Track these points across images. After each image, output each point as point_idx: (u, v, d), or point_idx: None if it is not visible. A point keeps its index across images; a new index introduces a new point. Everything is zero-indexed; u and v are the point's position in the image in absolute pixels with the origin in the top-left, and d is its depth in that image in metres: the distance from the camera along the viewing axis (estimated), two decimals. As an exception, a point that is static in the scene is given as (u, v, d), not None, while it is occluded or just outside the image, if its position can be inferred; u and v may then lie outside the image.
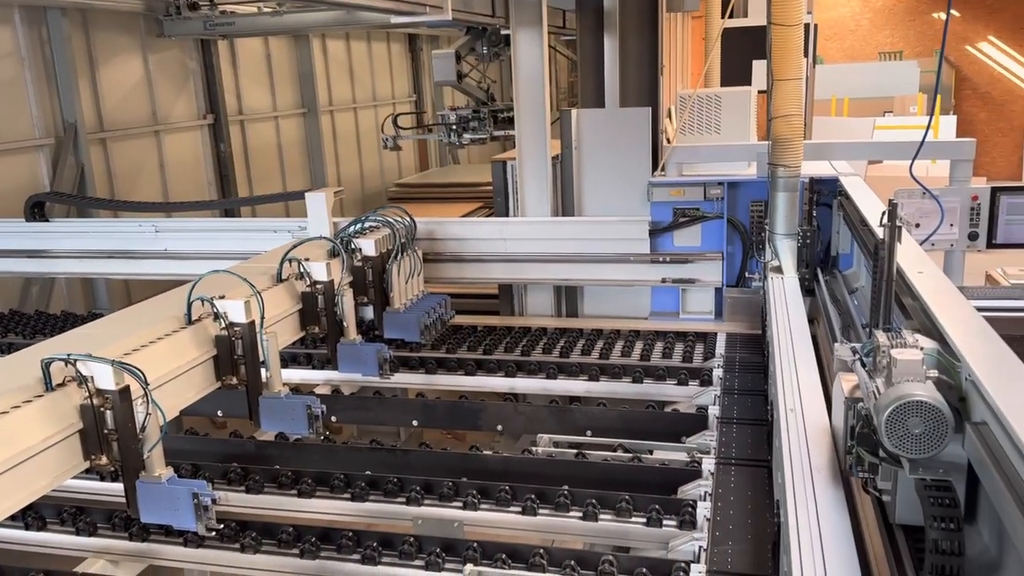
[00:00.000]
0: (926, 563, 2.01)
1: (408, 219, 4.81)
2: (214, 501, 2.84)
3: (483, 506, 3.38)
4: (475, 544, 3.00)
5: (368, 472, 3.60)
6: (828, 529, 2.13)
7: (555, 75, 15.92)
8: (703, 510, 3.10)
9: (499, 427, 4.29)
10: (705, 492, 3.25)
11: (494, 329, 5.43)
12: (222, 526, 3.19)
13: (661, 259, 5.28)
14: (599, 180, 5.47)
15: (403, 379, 4.81)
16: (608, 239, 5.31)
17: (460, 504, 3.40)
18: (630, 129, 5.33)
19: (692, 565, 2.77)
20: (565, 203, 5.60)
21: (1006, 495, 1.67)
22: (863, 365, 2.47)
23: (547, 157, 5.43)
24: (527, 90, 5.40)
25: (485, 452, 3.81)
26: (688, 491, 3.30)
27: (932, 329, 2.42)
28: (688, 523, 3.08)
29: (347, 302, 4.15)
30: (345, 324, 4.12)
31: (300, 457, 3.88)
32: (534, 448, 3.81)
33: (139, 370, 2.80)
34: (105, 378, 2.72)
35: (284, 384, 3.50)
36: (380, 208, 4.85)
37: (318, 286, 3.98)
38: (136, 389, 2.80)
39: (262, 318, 3.39)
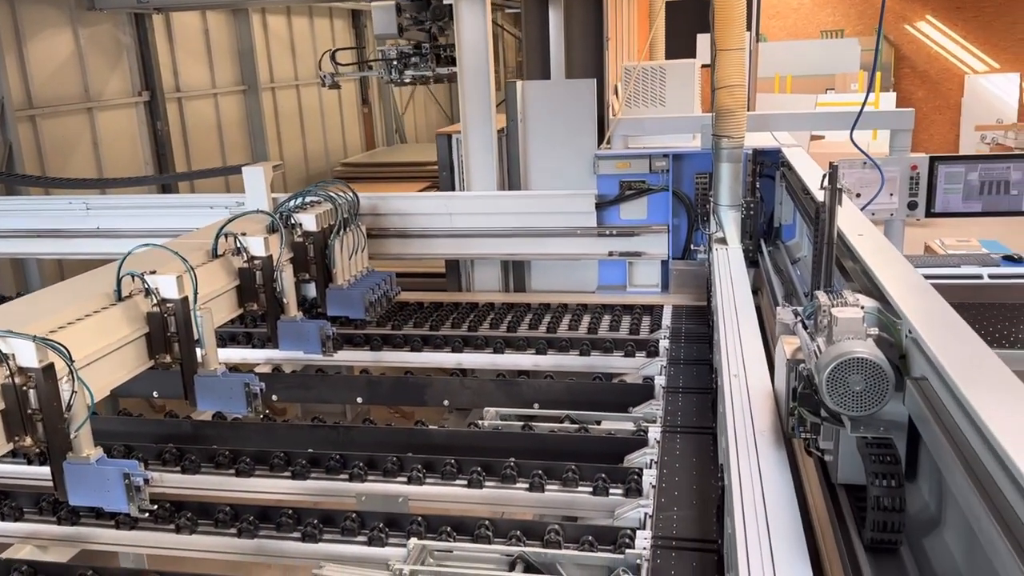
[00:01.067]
0: (868, 519, 2.02)
1: (351, 194, 4.70)
2: (146, 481, 2.74)
3: (428, 480, 3.32)
4: (419, 518, 2.95)
5: (310, 450, 3.51)
6: (771, 491, 2.13)
7: (502, 53, 15.80)
8: (649, 477, 3.09)
9: (446, 402, 4.24)
10: (651, 460, 3.24)
11: (441, 305, 5.36)
12: (156, 507, 3.07)
13: (608, 232, 5.27)
14: (545, 153, 5.42)
15: (347, 356, 4.71)
16: (555, 212, 5.28)
17: (405, 479, 3.34)
18: (576, 101, 5.28)
19: (638, 532, 2.75)
20: (511, 177, 5.55)
21: (947, 448, 1.66)
22: (804, 327, 2.47)
23: (492, 130, 5.35)
24: (471, 61, 5.30)
25: (431, 427, 3.74)
26: (634, 459, 3.29)
27: (872, 289, 2.43)
28: (634, 491, 3.07)
29: (287, 278, 4.04)
30: (285, 300, 4.01)
31: (238, 437, 3.78)
32: (480, 422, 3.76)
33: (63, 346, 2.67)
34: (27, 356, 2.59)
35: (221, 363, 3.40)
36: (321, 182, 4.73)
37: (256, 261, 3.86)
38: (61, 367, 2.67)
39: (196, 294, 3.27)
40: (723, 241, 4.67)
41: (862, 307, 2.19)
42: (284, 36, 13.15)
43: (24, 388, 2.57)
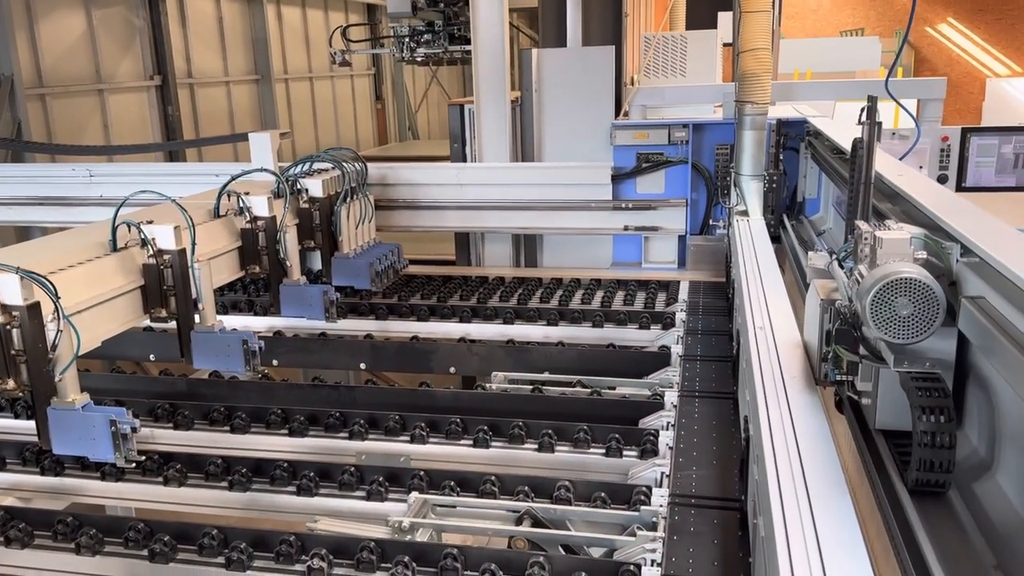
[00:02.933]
0: (913, 459, 1.82)
1: (359, 162, 4.57)
2: (134, 430, 2.58)
3: (432, 440, 3.17)
4: (422, 472, 2.78)
5: (308, 409, 3.36)
6: (805, 432, 1.94)
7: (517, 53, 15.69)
8: (666, 439, 2.92)
9: (452, 369, 4.08)
10: (668, 423, 3.08)
11: (450, 279, 5.21)
12: (144, 459, 2.91)
13: (624, 206, 5.12)
14: (560, 123, 5.27)
15: (351, 325, 4.55)
16: (569, 184, 5.13)
17: (407, 438, 3.18)
18: (593, 69, 5.13)
19: (654, 490, 2.58)
20: (524, 149, 5.39)
21: (1016, 358, 1.46)
22: (841, 266, 2.30)
23: (506, 99, 5.21)
24: (485, 29, 5.16)
25: (436, 389, 3.58)
26: (650, 422, 3.12)
27: (919, 218, 2.25)
28: (650, 452, 2.89)
29: (290, 240, 3.89)
30: (288, 264, 3.86)
31: (235, 395, 3.62)
32: (488, 385, 3.60)
33: (49, 281, 2.51)
34: (11, 292, 2.43)
35: (219, 319, 3.25)
36: (330, 149, 4.60)
37: (259, 222, 3.71)
38: (47, 309, 2.51)
39: (194, 246, 3.12)
40: (744, 214, 4.50)
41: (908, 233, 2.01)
42: (298, 28, 13.08)
43: (7, 328, 2.42)
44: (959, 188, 4.65)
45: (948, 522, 1.79)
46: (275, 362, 4.25)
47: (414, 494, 2.62)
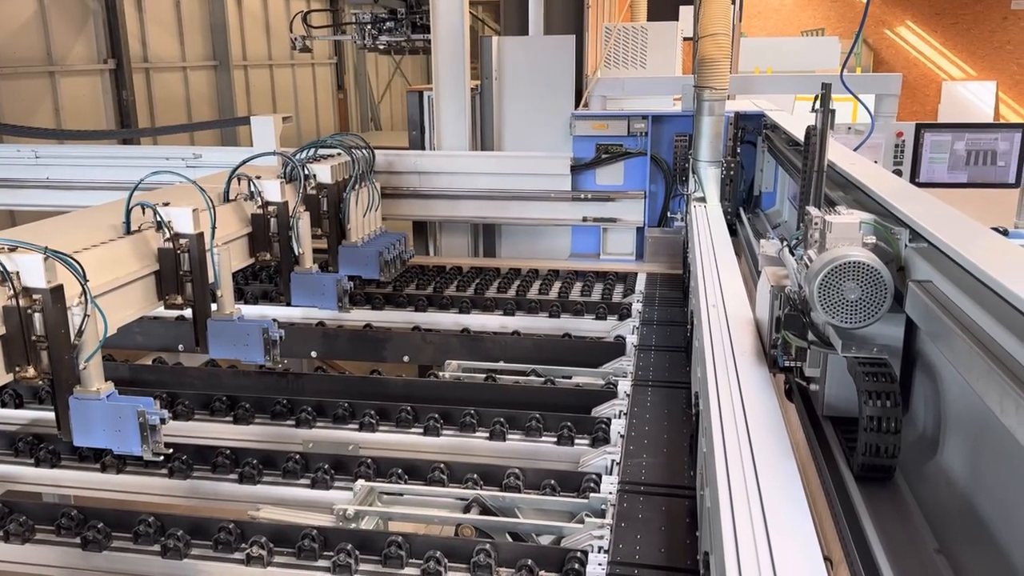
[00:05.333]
0: (859, 443, 1.81)
1: (368, 149, 4.49)
2: (163, 421, 2.45)
3: (382, 428, 3.11)
4: (369, 460, 2.72)
5: (255, 396, 3.28)
6: (753, 404, 1.92)
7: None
8: (617, 427, 2.90)
9: (406, 358, 4.03)
10: (620, 411, 3.05)
11: (406, 268, 5.13)
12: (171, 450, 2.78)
13: (583, 196, 5.10)
14: (520, 112, 5.24)
15: (303, 313, 4.48)
16: (528, 174, 5.10)
17: (356, 426, 3.12)
18: (553, 58, 5.10)
19: (604, 477, 2.55)
20: (484, 137, 5.36)
21: (963, 344, 1.45)
22: (792, 253, 2.30)
23: (465, 86, 5.15)
24: (445, 16, 5.10)
25: (386, 376, 3.53)
26: (602, 411, 3.10)
27: (870, 205, 2.25)
28: (601, 440, 2.87)
29: (303, 226, 3.78)
30: (300, 251, 3.77)
31: (179, 382, 3.53)
32: (441, 374, 3.55)
33: (76, 262, 2.33)
34: (34, 273, 2.25)
35: (237, 307, 3.19)
36: (336, 135, 4.55)
37: (271, 208, 3.61)
38: (70, 292, 2.34)
39: (214, 230, 3.01)
40: (702, 200, 4.50)
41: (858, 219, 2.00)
42: (258, 13, 12.86)
43: (29, 312, 2.25)
44: (913, 183, 4.71)
45: (893, 507, 1.79)
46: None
47: (360, 482, 2.56)
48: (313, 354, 4.19)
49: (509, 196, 5.15)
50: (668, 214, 5.21)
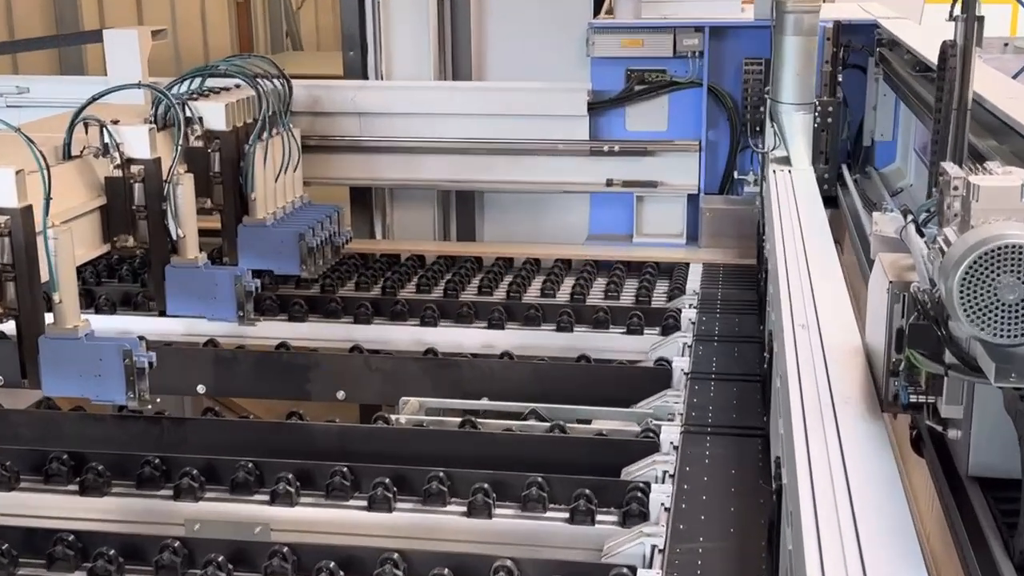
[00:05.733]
0: (1023, 520, 1.84)
1: (282, 79, 4.50)
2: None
3: (304, 500, 3.14)
4: (285, 549, 2.74)
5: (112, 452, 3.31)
6: (863, 479, 1.94)
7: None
8: (660, 495, 2.93)
9: (340, 393, 4.08)
10: (664, 472, 3.09)
11: (342, 259, 5.15)
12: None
13: (606, 150, 5.13)
14: (510, 23, 5.29)
15: (192, 328, 4.49)
16: (524, 116, 5.14)
17: (266, 496, 3.15)
18: (559, -60, 5.18)
19: (641, 572, 2.58)
20: (457, 61, 5.40)
21: None
22: (920, 233, 2.32)
23: (428, -14, 5.23)
24: None
25: (312, 422, 3.57)
26: (637, 472, 3.14)
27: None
28: (636, 516, 2.90)
29: (184, 195, 3.78)
30: (180, 233, 3.77)
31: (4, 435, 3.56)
32: (394, 417, 3.58)
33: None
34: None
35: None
36: (232, 57, 4.55)
37: (135, 168, 3.59)
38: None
39: (47, 203, 3.05)
40: (785, 161, 4.54)
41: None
42: None
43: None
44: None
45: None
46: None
47: (273, 582, 2.58)
48: (201, 389, 4.19)
49: (495, 149, 5.17)
50: (735, 175, 5.24)
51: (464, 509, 3.05)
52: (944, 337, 2.05)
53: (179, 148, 3.85)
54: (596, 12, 5.36)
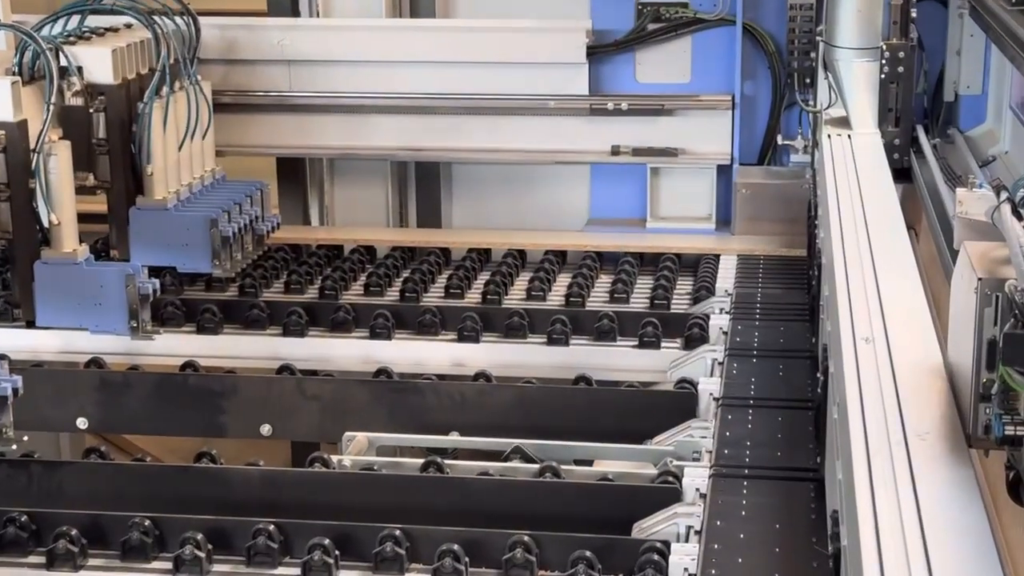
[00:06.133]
0: None
1: (186, 15, 4.56)
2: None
3: (218, 567, 3.15)
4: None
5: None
6: (945, 537, 1.96)
7: None
8: (683, 559, 2.95)
9: (265, 427, 4.08)
10: (688, 528, 3.11)
11: (268, 251, 5.17)
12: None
13: (611, 108, 5.16)
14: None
15: (68, 343, 4.50)
16: (504, 65, 5.18)
17: (168, 564, 3.15)
18: None
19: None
20: (415, -6, 5.46)
21: None
22: (1018, 215, 2.34)
23: None
24: None
25: (228, 466, 3.59)
26: (653, 528, 3.16)
27: None
28: (653, 584, 2.92)
29: (58, 170, 3.81)
30: (53, 219, 3.81)
31: None
32: (335, 458, 3.59)
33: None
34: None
35: None
36: None
37: None
38: None
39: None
40: (843, 123, 4.57)
41: None
42: None
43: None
44: None
45: None
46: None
47: None
48: (82, 423, 4.18)
49: (467, 108, 5.22)
50: (779, 141, 5.26)
51: (429, 576, 3.07)
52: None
53: (51, 107, 3.86)
54: (598, -70, 5.36)
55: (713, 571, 2.90)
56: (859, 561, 1.92)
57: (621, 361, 4.36)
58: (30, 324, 3.98)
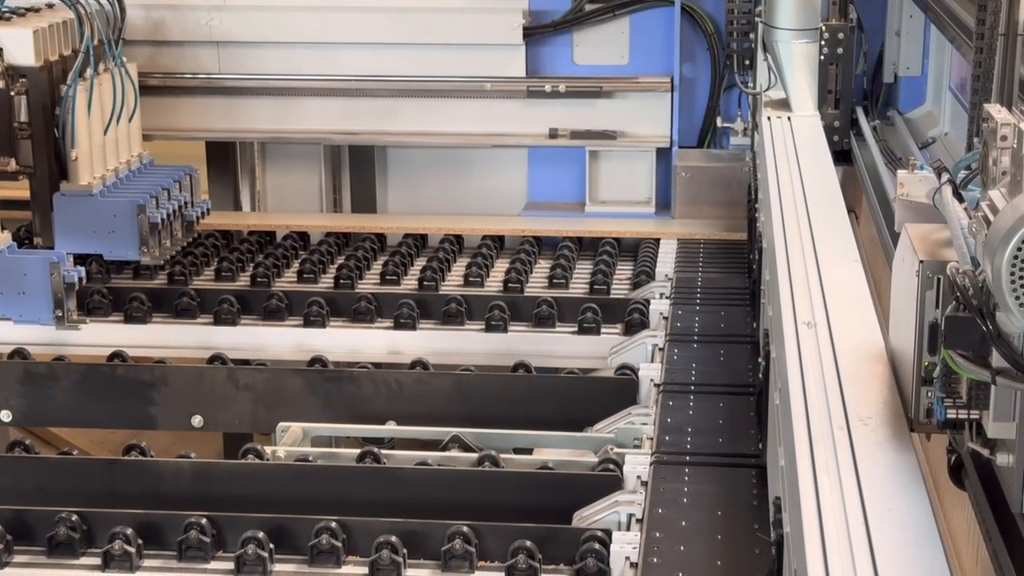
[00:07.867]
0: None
1: None
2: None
3: (149, 563, 3.12)
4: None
5: None
6: (888, 523, 1.97)
7: None
8: (624, 548, 2.95)
9: (196, 418, 4.06)
10: (629, 516, 3.12)
11: (198, 237, 5.13)
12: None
13: (548, 90, 5.18)
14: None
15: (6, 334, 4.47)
16: (439, 47, 5.19)
17: (96, 560, 3.11)
18: None
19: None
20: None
21: None
22: (959, 197, 2.35)
23: None
24: None
25: (158, 459, 3.56)
26: (594, 516, 3.16)
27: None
28: (593, 574, 2.93)
29: None
30: None
31: None
32: (268, 449, 3.58)
33: None
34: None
35: None
36: None
37: None
38: None
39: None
40: (783, 105, 4.59)
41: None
42: None
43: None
44: None
45: None
46: None
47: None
48: (5, 416, 4.17)
49: (401, 91, 5.22)
50: (718, 124, 5.28)
51: (365, 571, 3.04)
52: (991, 333, 2.07)
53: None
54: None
55: (655, 559, 2.92)
56: (802, 547, 1.93)
57: (560, 347, 4.38)
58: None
